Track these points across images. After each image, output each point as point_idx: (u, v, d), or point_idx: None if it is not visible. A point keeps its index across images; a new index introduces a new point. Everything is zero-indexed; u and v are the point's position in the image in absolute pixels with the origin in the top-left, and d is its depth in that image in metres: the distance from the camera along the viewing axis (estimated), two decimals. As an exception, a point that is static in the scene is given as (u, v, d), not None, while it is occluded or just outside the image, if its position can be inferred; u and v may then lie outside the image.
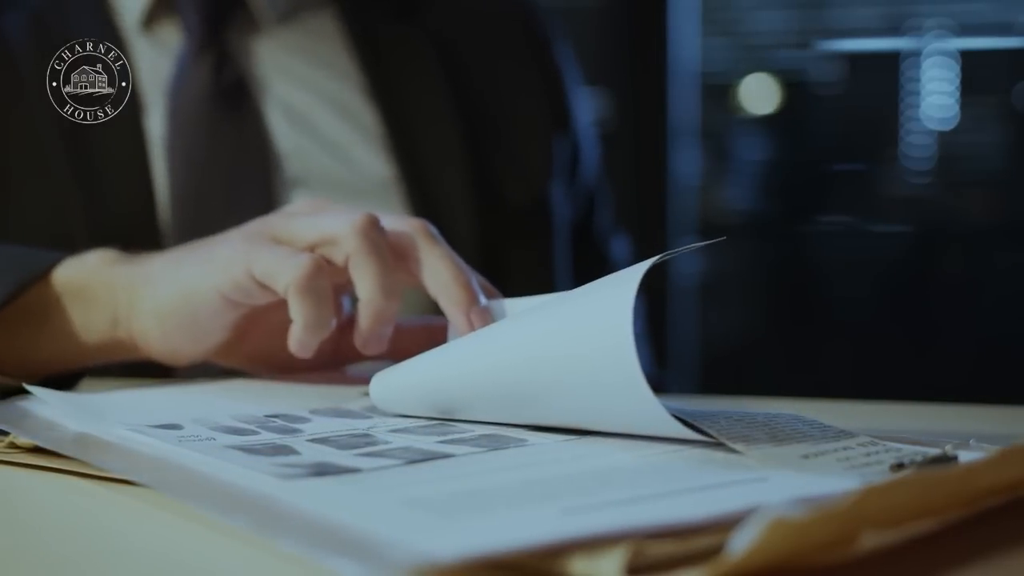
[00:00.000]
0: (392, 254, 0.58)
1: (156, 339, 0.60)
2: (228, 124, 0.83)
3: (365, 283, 0.57)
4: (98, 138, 0.80)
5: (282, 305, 0.58)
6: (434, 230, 0.60)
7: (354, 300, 0.61)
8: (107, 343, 0.62)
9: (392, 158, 0.86)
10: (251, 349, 0.65)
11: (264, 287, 0.57)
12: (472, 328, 0.57)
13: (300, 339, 0.57)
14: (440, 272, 0.58)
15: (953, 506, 0.42)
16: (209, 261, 0.58)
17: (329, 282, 0.57)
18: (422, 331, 0.65)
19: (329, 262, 0.58)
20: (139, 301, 0.60)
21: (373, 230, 0.57)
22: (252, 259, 0.56)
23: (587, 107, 1.02)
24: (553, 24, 0.99)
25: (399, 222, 0.60)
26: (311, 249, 0.58)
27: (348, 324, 0.64)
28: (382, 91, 0.88)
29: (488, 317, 0.58)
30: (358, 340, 0.59)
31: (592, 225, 0.99)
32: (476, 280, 0.60)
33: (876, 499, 0.37)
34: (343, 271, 0.58)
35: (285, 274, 0.56)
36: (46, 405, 0.56)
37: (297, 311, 0.56)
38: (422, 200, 0.86)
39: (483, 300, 0.59)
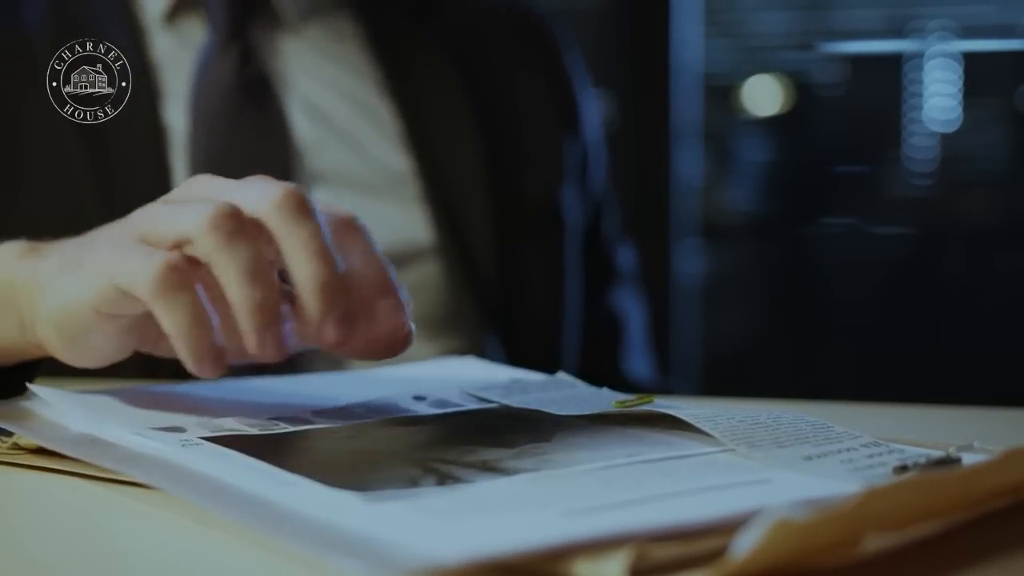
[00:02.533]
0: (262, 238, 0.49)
1: (58, 349, 0.55)
2: (250, 118, 0.84)
3: (229, 285, 0.48)
4: (116, 130, 0.80)
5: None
6: (311, 202, 0.50)
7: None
8: (21, 346, 0.57)
9: (408, 153, 0.87)
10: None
11: (132, 296, 0.50)
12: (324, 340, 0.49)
13: (181, 352, 0.49)
14: (299, 260, 0.49)
15: (956, 508, 0.42)
16: (79, 269, 0.52)
17: (194, 278, 0.49)
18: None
19: (194, 260, 0.50)
20: (36, 306, 0.55)
21: (229, 221, 0.49)
22: (113, 267, 0.50)
23: (597, 115, 1.03)
24: (563, 32, 1.00)
25: (267, 191, 0.50)
26: (175, 247, 0.50)
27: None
28: (398, 88, 0.89)
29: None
30: (249, 346, 0.49)
31: (600, 232, 0.99)
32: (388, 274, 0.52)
33: (879, 501, 0.37)
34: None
35: (140, 281, 0.49)
36: (49, 405, 0.56)
37: (161, 320, 0.49)
38: (438, 194, 0.86)
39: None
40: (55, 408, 0.55)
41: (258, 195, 0.50)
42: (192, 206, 0.50)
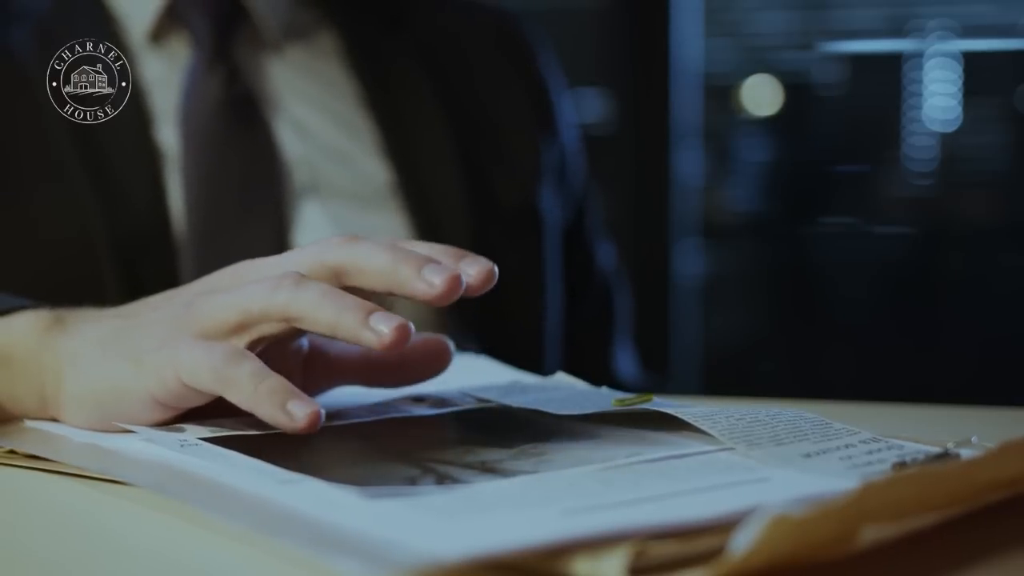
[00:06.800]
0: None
1: (82, 424, 0.55)
2: (239, 135, 0.85)
3: (320, 309, 0.50)
4: (113, 150, 0.81)
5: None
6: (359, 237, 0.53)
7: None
8: (33, 415, 0.57)
9: (390, 165, 0.88)
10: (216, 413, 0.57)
11: (197, 391, 0.52)
12: (432, 286, 0.50)
13: (269, 417, 0.50)
14: (373, 257, 0.51)
15: (953, 502, 0.42)
16: (137, 361, 0.53)
17: (253, 357, 0.51)
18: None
19: (263, 338, 0.52)
20: (64, 382, 0.55)
21: (292, 276, 0.51)
22: (179, 363, 0.51)
23: (573, 114, 1.04)
24: (538, 34, 1.01)
25: (318, 243, 0.53)
26: (237, 330, 0.51)
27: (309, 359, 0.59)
28: (376, 102, 0.90)
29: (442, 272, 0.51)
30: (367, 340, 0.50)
31: (582, 231, 1.00)
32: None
33: (876, 495, 0.37)
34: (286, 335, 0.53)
35: (205, 373, 0.50)
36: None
37: (235, 399, 0.50)
38: (421, 203, 0.88)
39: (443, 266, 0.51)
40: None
41: (313, 248, 0.52)
42: (249, 287, 0.51)
